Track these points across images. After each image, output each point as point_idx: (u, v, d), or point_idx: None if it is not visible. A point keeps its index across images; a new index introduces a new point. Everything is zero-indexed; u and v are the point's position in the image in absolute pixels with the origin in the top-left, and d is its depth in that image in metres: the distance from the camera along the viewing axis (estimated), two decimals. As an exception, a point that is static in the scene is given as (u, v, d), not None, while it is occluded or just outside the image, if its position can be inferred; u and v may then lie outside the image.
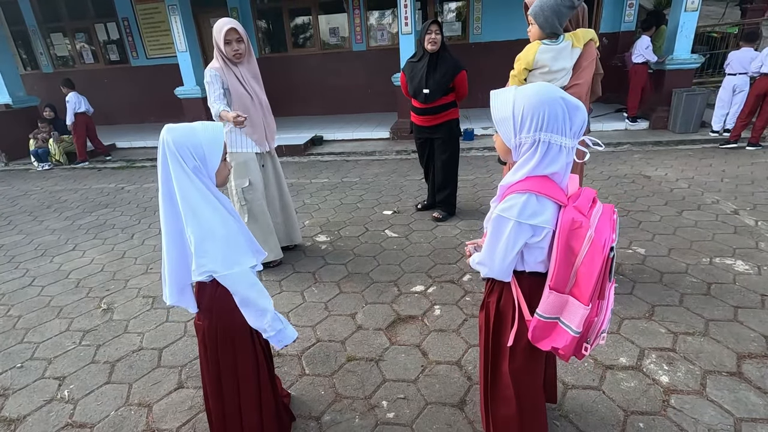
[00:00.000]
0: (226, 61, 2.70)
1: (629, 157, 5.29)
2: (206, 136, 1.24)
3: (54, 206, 5.01)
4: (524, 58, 2.08)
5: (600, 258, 1.06)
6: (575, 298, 1.12)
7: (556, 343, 1.18)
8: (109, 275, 3.21)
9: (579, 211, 1.10)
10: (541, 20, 2.00)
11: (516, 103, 1.09)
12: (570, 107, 1.08)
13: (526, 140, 1.10)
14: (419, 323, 2.37)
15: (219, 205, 1.26)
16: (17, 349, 2.41)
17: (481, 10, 8.21)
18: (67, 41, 9.82)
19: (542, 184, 1.11)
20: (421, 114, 3.36)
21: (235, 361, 1.44)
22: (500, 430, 1.45)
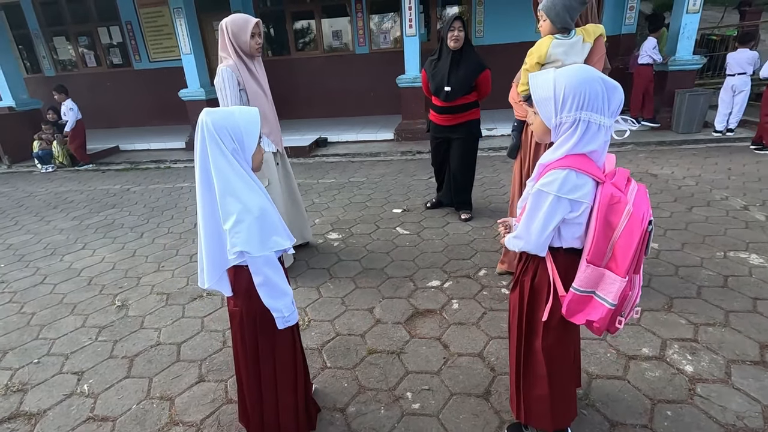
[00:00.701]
0: (242, 57, 2.70)
1: (634, 157, 5.32)
2: (244, 118, 1.25)
3: (60, 207, 4.99)
4: (537, 52, 2.10)
5: (639, 231, 1.09)
6: (612, 271, 1.15)
7: (591, 316, 1.21)
8: (121, 273, 3.20)
9: (617, 188, 1.14)
10: (553, 15, 2.02)
11: (557, 83, 1.12)
12: (609, 87, 1.11)
13: (567, 119, 1.13)
14: (438, 317, 2.37)
15: (256, 187, 1.26)
16: (33, 345, 2.40)
17: (483, 13, 8.28)
18: (70, 45, 9.83)
19: (582, 162, 1.14)
20: (441, 113, 3.30)
21: (273, 344, 1.44)
22: (533, 411, 1.45)
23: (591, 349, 2.02)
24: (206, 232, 1.30)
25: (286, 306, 1.36)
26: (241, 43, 2.65)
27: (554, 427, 1.45)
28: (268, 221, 1.27)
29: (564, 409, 1.45)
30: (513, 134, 2.44)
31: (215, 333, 2.38)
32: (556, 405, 1.41)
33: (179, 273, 3.12)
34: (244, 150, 1.26)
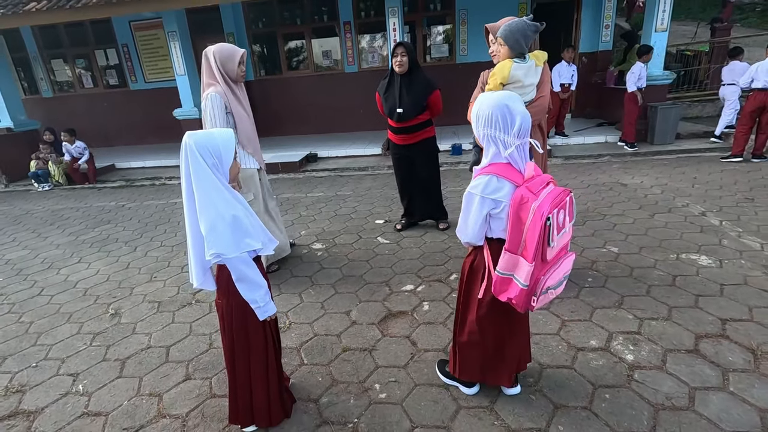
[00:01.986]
0: (228, 83, 2.94)
1: (608, 167, 5.58)
2: (222, 138, 1.48)
3: (57, 223, 5.17)
4: (500, 74, 2.33)
5: (539, 225, 1.35)
6: (523, 258, 1.43)
7: (510, 294, 1.50)
8: (115, 284, 3.37)
9: (529, 190, 1.40)
10: (512, 42, 2.27)
11: (477, 107, 1.47)
12: (513, 113, 1.42)
13: (481, 133, 1.47)
14: (409, 317, 2.56)
15: (229, 196, 1.47)
16: (31, 351, 2.56)
17: (467, 33, 8.64)
18: (67, 67, 10.12)
19: (503, 169, 1.45)
20: (397, 133, 3.46)
21: (247, 336, 1.65)
22: (463, 368, 1.83)
23: (545, 342, 2.21)
24: (192, 237, 1.51)
25: (261, 297, 1.57)
26: (228, 70, 2.88)
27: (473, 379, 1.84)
28: (239, 225, 1.47)
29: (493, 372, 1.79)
30: (474, 150, 2.66)
31: (202, 336, 2.55)
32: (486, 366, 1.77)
33: (170, 283, 3.30)
34: (222, 164, 1.47)
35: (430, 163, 3.58)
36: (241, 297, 1.58)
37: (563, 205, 1.40)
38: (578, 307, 2.49)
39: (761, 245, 3.05)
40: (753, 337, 2.11)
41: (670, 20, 6.41)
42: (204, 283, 1.60)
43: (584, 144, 7.01)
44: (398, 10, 6.88)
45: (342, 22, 8.91)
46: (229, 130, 1.54)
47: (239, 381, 1.71)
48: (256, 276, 1.55)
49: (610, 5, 8.23)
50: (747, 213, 3.64)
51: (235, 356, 1.69)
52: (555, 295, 1.53)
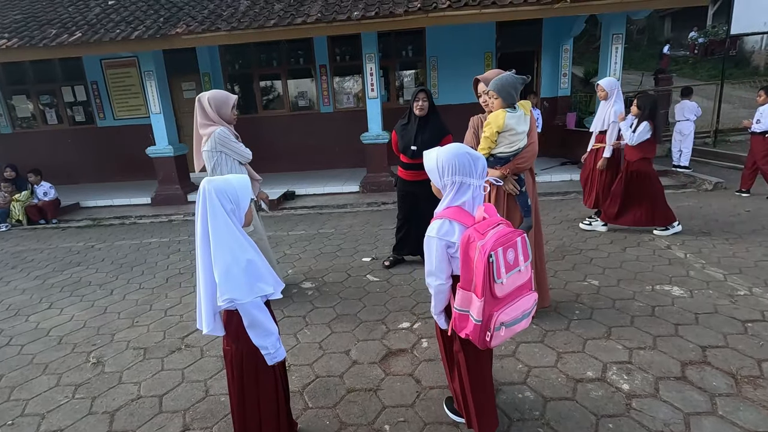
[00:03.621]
0: (224, 124, 3.08)
1: (577, 204, 5.93)
2: (239, 184, 1.55)
3: (19, 266, 4.86)
4: (495, 123, 2.52)
5: (482, 262, 1.44)
6: (474, 294, 1.52)
7: (467, 330, 1.58)
8: (93, 330, 3.19)
9: (476, 230, 1.51)
10: (504, 94, 2.48)
11: (438, 158, 1.62)
12: (473, 157, 1.61)
13: (447, 182, 1.61)
14: (409, 355, 2.58)
15: (245, 242, 1.53)
16: (4, 408, 2.37)
17: (437, 78, 9.15)
18: (30, 103, 9.80)
19: (455, 213, 1.60)
20: (407, 169, 3.66)
21: (257, 381, 1.64)
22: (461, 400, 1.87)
23: (545, 375, 2.29)
24: (204, 282, 1.52)
25: (272, 344, 1.59)
26: (223, 114, 3.06)
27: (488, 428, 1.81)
28: (253, 270, 1.51)
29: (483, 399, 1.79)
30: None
31: (197, 383, 2.45)
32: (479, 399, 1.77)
33: (155, 327, 3.17)
34: (239, 209, 1.53)
35: (434, 202, 3.72)
36: (250, 343, 1.58)
37: (511, 244, 1.49)
38: (570, 339, 2.60)
39: (724, 275, 3.33)
40: (731, 363, 2.28)
41: (621, 71, 7.10)
42: (214, 329, 1.59)
43: (551, 182, 7.42)
44: (375, 56, 7.24)
45: (318, 65, 9.22)
46: (245, 177, 1.59)
47: (249, 427, 1.68)
48: (268, 322, 1.57)
49: (567, 56, 9.02)
50: (706, 246, 3.97)
51: (245, 402, 1.66)
52: (511, 334, 1.59)
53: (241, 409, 1.67)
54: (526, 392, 2.17)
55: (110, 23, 6.82)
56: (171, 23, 6.55)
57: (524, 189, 2.71)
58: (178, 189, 7.62)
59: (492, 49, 8.96)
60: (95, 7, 7.49)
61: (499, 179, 2.44)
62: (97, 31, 6.60)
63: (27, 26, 6.96)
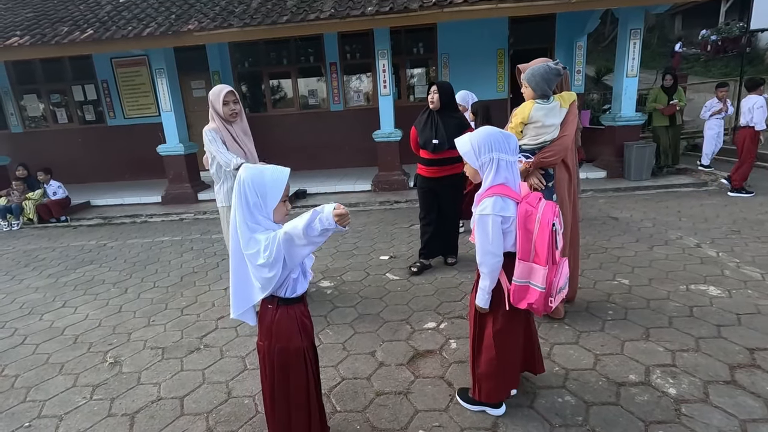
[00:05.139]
0: (222, 121, 2.97)
1: (595, 202, 5.80)
2: (271, 177, 1.44)
3: (32, 265, 4.80)
4: (520, 114, 2.42)
5: (547, 231, 1.58)
6: (537, 264, 1.63)
7: (530, 300, 1.68)
8: (108, 330, 3.12)
9: (529, 204, 1.65)
10: (533, 84, 2.38)
11: (472, 139, 1.70)
12: (505, 135, 1.69)
13: (486, 159, 1.67)
14: (438, 357, 2.47)
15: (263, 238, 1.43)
16: (21, 409, 2.29)
17: (449, 75, 9.03)
18: (41, 102, 9.79)
19: (502, 189, 1.67)
20: (428, 165, 3.54)
21: (287, 381, 1.57)
22: (484, 385, 1.90)
23: (584, 378, 2.18)
24: (234, 270, 1.50)
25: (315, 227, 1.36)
26: (217, 110, 2.94)
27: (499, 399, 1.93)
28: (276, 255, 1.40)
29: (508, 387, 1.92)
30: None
31: (218, 384, 2.36)
32: (500, 378, 1.87)
33: (171, 327, 3.08)
34: (266, 205, 1.43)
35: (454, 198, 3.63)
36: (284, 341, 1.53)
37: (557, 214, 1.65)
38: (607, 341, 2.48)
39: (761, 275, 3.19)
40: (783, 366, 2.16)
41: (638, 67, 6.95)
42: (244, 315, 1.55)
43: (567, 180, 7.29)
44: (387, 52, 7.14)
45: (328, 63, 9.14)
46: (282, 170, 1.47)
47: (279, 424, 1.62)
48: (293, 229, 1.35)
49: (581, 53, 8.87)
50: (738, 244, 3.83)
51: (275, 399, 1.60)
52: (563, 297, 1.74)
53: (272, 406, 1.62)
54: (566, 396, 2.06)
55: (122, 20, 6.78)
56: (183, 20, 6.49)
57: (551, 184, 2.59)
58: (188, 187, 7.56)
59: (504, 45, 8.84)
60: (107, 5, 7.45)
61: (529, 155, 2.37)
62: (108, 28, 6.55)
63: (39, 24, 6.93)
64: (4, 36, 6.60)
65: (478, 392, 1.95)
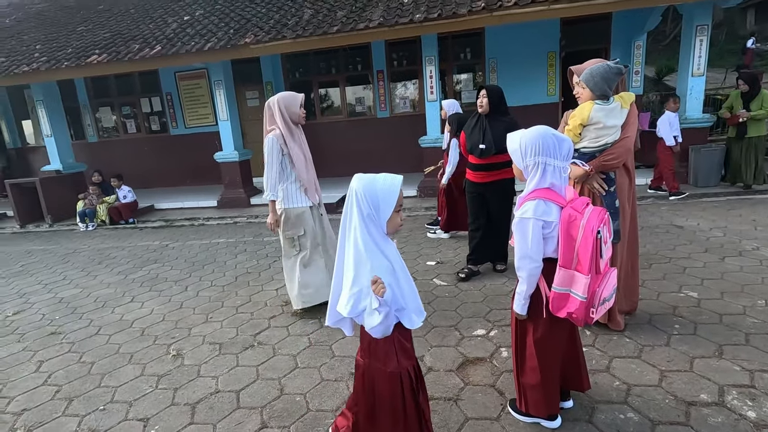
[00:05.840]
0: (289, 125, 3.10)
1: (657, 209, 5.45)
2: (383, 186, 1.37)
3: (104, 262, 5.23)
4: (579, 115, 2.34)
5: (591, 238, 1.50)
6: (579, 272, 1.55)
7: (570, 308, 1.60)
8: (171, 324, 3.32)
9: (574, 209, 1.58)
10: (592, 85, 2.29)
11: (521, 139, 1.64)
12: (558, 139, 1.61)
13: (530, 162, 1.62)
14: (489, 365, 2.42)
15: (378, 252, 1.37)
16: (96, 393, 2.49)
17: (497, 80, 8.88)
18: (114, 114, 10.69)
19: (546, 193, 1.61)
20: (476, 170, 3.51)
21: (384, 403, 1.50)
22: (529, 397, 1.85)
23: (647, 394, 2.04)
24: (336, 278, 1.47)
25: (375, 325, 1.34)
26: (291, 114, 3.08)
27: (547, 413, 1.83)
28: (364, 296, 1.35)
29: (553, 398, 1.83)
30: None
31: (271, 381, 2.45)
32: (547, 394, 1.79)
33: (228, 324, 3.23)
34: (379, 216, 1.37)
35: (503, 204, 3.56)
36: (379, 361, 1.47)
37: (606, 221, 1.56)
38: (673, 356, 2.32)
39: None
40: None
41: (706, 66, 6.49)
42: (340, 323, 1.53)
43: (624, 186, 6.90)
44: (434, 58, 7.15)
45: (375, 71, 9.28)
46: (395, 178, 1.39)
47: None
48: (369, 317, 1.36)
49: (639, 53, 8.41)
50: (826, 257, 3.46)
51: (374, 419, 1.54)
52: (607, 308, 1.64)
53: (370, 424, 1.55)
54: (628, 413, 1.94)
55: (186, 36, 7.27)
56: (240, 34, 6.86)
57: (613, 189, 2.47)
58: (242, 192, 7.92)
59: (556, 48, 8.57)
60: (172, 23, 8.03)
61: (583, 162, 2.28)
62: (174, 44, 7.05)
63: (114, 42, 7.59)
64: (85, 54, 7.28)
65: (525, 403, 1.89)
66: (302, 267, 3.16)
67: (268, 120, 3.14)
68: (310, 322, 3.13)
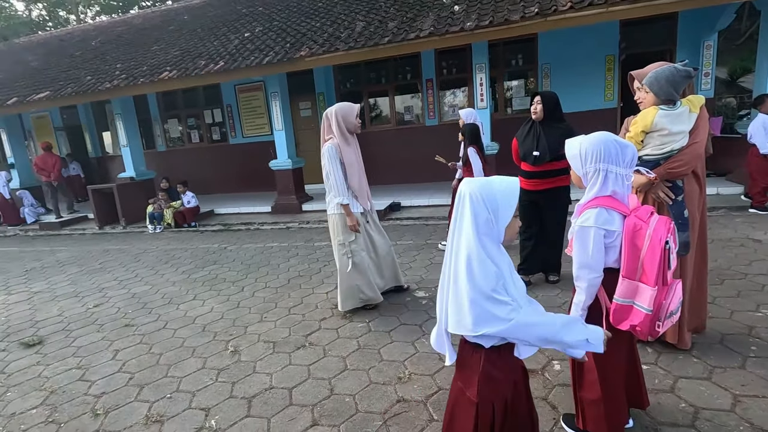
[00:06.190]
0: (345, 135, 3.25)
1: (730, 221, 5.03)
2: (501, 187, 1.26)
3: (170, 262, 5.64)
4: (642, 121, 2.23)
5: (658, 249, 1.43)
6: (644, 283, 1.48)
7: (633, 321, 1.53)
8: (229, 322, 3.52)
9: (639, 218, 1.51)
10: (656, 89, 2.19)
11: (581, 145, 1.59)
12: (621, 145, 1.55)
13: (590, 169, 1.58)
14: (540, 377, 2.35)
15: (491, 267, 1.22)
16: (164, 382, 2.69)
17: (550, 85, 8.63)
18: (180, 125, 11.54)
19: (608, 201, 1.56)
20: (529, 177, 3.43)
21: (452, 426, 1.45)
22: (588, 415, 1.77)
23: (718, 419, 1.90)
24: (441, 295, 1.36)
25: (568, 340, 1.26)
26: (347, 123, 3.23)
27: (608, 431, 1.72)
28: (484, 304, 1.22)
29: (616, 413, 1.72)
30: None
31: (322, 381, 2.53)
32: (609, 407, 1.69)
33: (281, 324, 3.38)
34: (497, 221, 1.25)
35: (558, 212, 3.46)
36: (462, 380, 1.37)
37: (672, 231, 1.48)
38: (749, 380, 2.13)
39: None
40: None
41: (790, 64, 5.94)
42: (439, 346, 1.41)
43: (691, 196, 6.43)
44: (485, 66, 7.09)
45: (424, 80, 9.35)
46: (512, 181, 1.29)
47: None
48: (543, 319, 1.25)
49: (710, 53, 7.84)
50: None
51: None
52: (674, 321, 1.56)
53: None
54: (695, 437, 1.81)
55: (246, 52, 7.73)
56: (296, 48, 7.19)
57: (681, 198, 2.33)
58: (294, 199, 8.24)
59: (615, 51, 8.20)
60: (234, 40, 8.57)
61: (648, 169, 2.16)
62: (235, 59, 7.52)
63: (183, 60, 8.22)
64: (158, 71, 7.95)
65: (583, 420, 1.82)
66: (352, 271, 3.25)
67: (326, 129, 3.29)
68: (359, 325, 3.20)
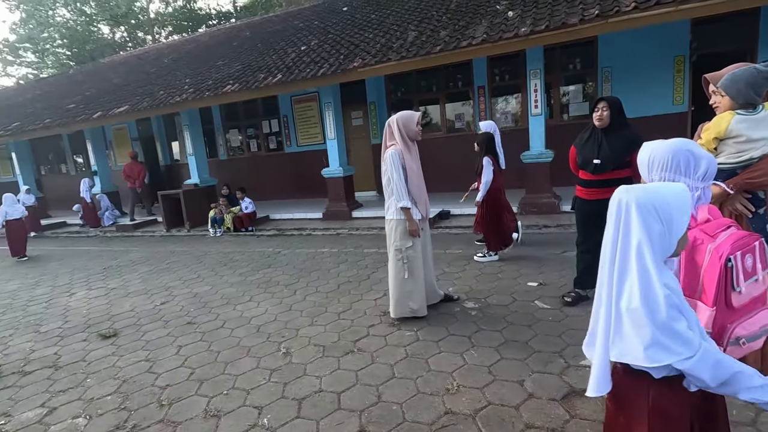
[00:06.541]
0: (407, 141, 3.31)
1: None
2: (673, 195, 1.10)
3: (228, 264, 5.96)
4: (715, 128, 2.07)
5: (717, 266, 1.29)
6: (702, 302, 1.35)
7: None
8: (282, 324, 3.66)
9: (704, 232, 1.37)
10: (733, 92, 2.02)
11: (651, 151, 1.47)
12: (696, 156, 1.42)
13: (656, 177, 1.46)
14: (599, 399, 2.21)
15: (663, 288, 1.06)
16: (221, 379, 2.85)
17: (611, 90, 8.19)
18: (240, 135, 12.22)
19: None
20: (588, 186, 3.29)
21: None
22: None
23: (810, 461, 1.69)
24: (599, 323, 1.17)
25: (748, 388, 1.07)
26: (409, 131, 3.29)
27: None
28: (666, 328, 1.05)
29: None
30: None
31: (370, 387, 2.55)
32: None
33: (330, 328, 3.46)
34: (671, 232, 1.09)
35: None
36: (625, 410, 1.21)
37: (750, 249, 1.32)
38: None
39: None
40: None
41: None
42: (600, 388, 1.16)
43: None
44: (540, 71, 6.89)
45: (476, 87, 9.23)
46: (682, 188, 1.13)
47: None
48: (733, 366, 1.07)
49: (800, 50, 7.09)
50: None
51: None
52: (749, 351, 1.37)
53: None
54: (781, 479, 1.62)
55: (302, 64, 8.06)
56: (349, 59, 7.40)
57: (762, 211, 2.12)
58: (344, 206, 8.41)
59: (685, 52, 7.63)
60: (291, 53, 8.98)
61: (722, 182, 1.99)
62: (292, 72, 7.87)
63: (244, 73, 8.73)
64: (222, 85, 8.50)
65: None
66: (406, 278, 3.27)
67: (388, 137, 3.37)
68: (407, 333, 3.20)
